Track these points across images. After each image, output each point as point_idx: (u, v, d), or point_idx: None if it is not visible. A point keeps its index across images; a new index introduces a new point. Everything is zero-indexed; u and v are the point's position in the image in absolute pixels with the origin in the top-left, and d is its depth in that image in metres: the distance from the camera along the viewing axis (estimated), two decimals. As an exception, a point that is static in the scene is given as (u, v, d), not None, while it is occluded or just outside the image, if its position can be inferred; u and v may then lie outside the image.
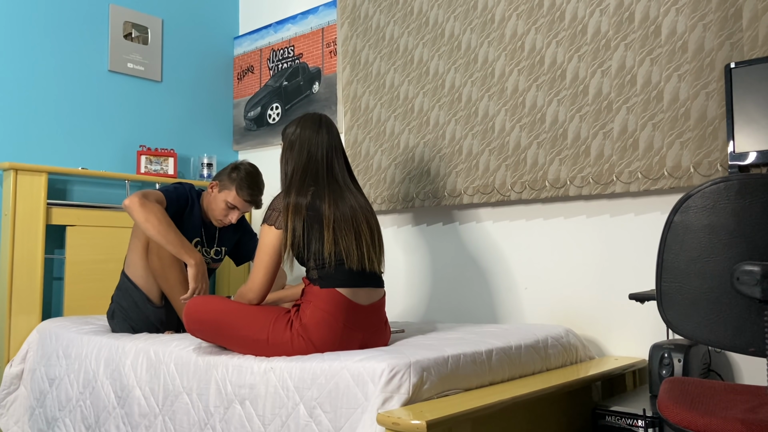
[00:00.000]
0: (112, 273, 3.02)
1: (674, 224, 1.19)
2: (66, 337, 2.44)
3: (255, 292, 1.94)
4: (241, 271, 3.57)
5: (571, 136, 2.37)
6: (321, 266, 1.88)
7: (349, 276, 1.89)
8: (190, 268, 2.26)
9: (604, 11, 2.32)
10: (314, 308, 1.84)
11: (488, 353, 1.82)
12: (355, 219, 1.99)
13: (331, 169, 2.13)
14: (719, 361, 2.12)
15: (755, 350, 1.13)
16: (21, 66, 2.98)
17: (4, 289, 2.73)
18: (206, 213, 2.57)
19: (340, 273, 1.88)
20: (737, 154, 1.91)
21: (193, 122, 3.61)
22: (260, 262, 1.94)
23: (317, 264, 1.89)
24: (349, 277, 1.89)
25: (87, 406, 2.23)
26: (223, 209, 2.48)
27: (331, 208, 1.95)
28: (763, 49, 1.98)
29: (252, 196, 2.46)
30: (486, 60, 2.62)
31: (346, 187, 2.06)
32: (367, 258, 1.97)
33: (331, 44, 3.30)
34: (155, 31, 3.46)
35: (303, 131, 2.11)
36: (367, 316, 1.91)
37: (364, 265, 1.94)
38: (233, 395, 1.79)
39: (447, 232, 2.80)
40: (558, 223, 2.48)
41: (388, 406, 1.50)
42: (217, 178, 2.51)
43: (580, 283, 2.42)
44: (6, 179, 2.79)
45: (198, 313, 1.93)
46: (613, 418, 1.81)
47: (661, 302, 1.22)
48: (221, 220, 2.51)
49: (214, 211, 2.50)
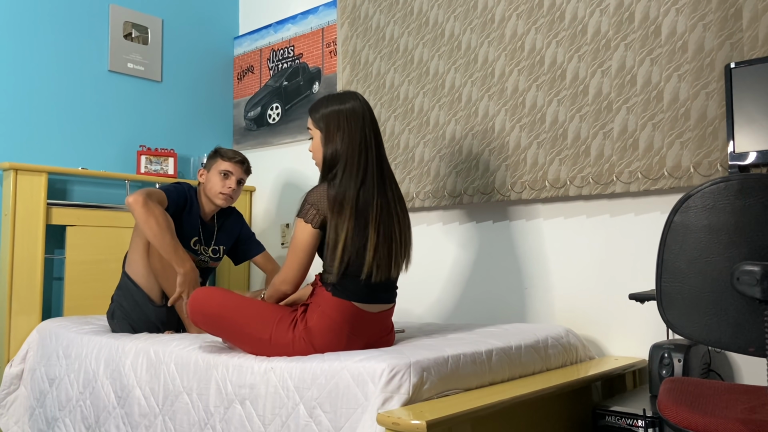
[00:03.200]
0: (112, 273, 3.02)
1: (674, 224, 1.19)
2: (66, 337, 2.44)
3: (289, 284, 1.91)
4: (241, 271, 3.57)
5: (571, 136, 2.37)
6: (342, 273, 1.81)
7: (366, 289, 1.84)
8: (179, 275, 2.29)
9: (604, 11, 2.32)
10: (322, 314, 1.81)
11: (488, 353, 1.82)
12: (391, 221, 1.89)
13: (381, 156, 1.92)
14: (719, 361, 2.12)
15: (755, 350, 1.13)
16: (21, 66, 2.98)
17: (4, 289, 2.73)
18: (205, 208, 2.61)
19: (357, 285, 1.83)
20: (737, 154, 1.91)
21: (193, 122, 3.61)
22: (294, 257, 1.88)
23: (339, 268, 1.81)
24: (366, 291, 1.84)
25: (87, 406, 2.23)
26: (219, 181, 2.56)
27: (378, 208, 1.84)
28: (763, 49, 1.98)
29: (238, 155, 2.60)
30: (486, 60, 2.62)
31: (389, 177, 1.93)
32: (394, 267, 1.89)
33: (331, 44, 3.30)
34: (155, 31, 3.46)
35: (346, 105, 1.87)
36: (373, 323, 1.89)
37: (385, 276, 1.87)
38: (233, 395, 1.79)
39: (447, 232, 2.80)
40: (558, 223, 2.48)
41: (388, 406, 1.50)
42: (202, 166, 2.67)
43: (580, 283, 2.41)
44: (6, 179, 2.79)
45: (203, 306, 1.91)
46: (613, 418, 1.81)
47: (661, 302, 1.22)
48: (222, 192, 2.56)
49: (213, 188, 2.56)
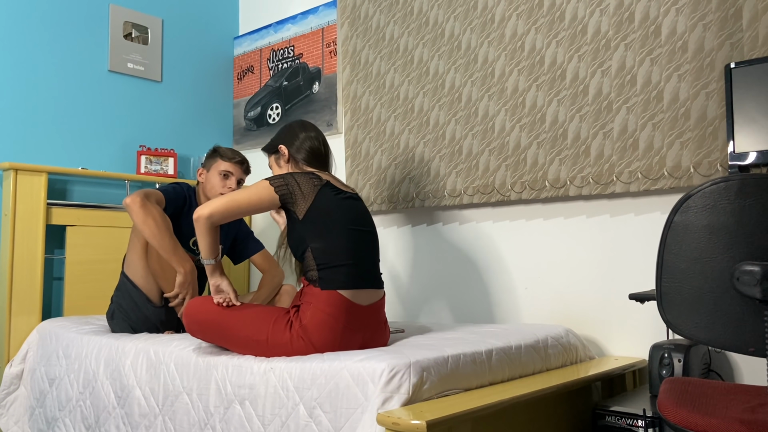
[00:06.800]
0: (112, 273, 3.02)
1: (674, 224, 1.19)
2: (66, 337, 2.44)
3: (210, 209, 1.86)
4: (241, 271, 3.57)
5: (571, 136, 2.37)
6: (323, 266, 1.87)
7: (351, 277, 1.87)
8: (179, 275, 2.29)
9: (604, 11, 2.32)
10: (315, 310, 1.83)
11: (488, 353, 1.82)
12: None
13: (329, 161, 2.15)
14: (719, 361, 2.12)
15: (755, 350, 1.13)
16: (21, 66, 2.98)
17: (4, 289, 2.73)
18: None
19: (342, 274, 1.86)
20: (737, 154, 1.91)
21: (193, 122, 3.61)
22: (235, 197, 1.88)
23: (318, 263, 1.87)
24: (351, 278, 1.87)
25: (87, 406, 2.23)
26: (219, 181, 2.54)
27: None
28: (763, 49, 1.98)
29: (237, 155, 2.57)
30: (486, 60, 2.62)
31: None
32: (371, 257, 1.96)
33: (331, 44, 3.30)
34: (155, 31, 3.46)
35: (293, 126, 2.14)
36: (367, 316, 1.90)
37: (368, 265, 1.93)
38: (233, 395, 1.79)
39: (447, 232, 2.80)
40: (558, 223, 2.48)
41: (388, 406, 1.50)
42: (201, 165, 2.63)
43: (580, 283, 2.41)
44: (6, 179, 2.79)
45: (198, 314, 1.93)
46: (613, 418, 1.81)
47: (661, 302, 1.22)
48: (222, 193, 2.55)
49: (213, 188, 2.55)
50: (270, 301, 2.63)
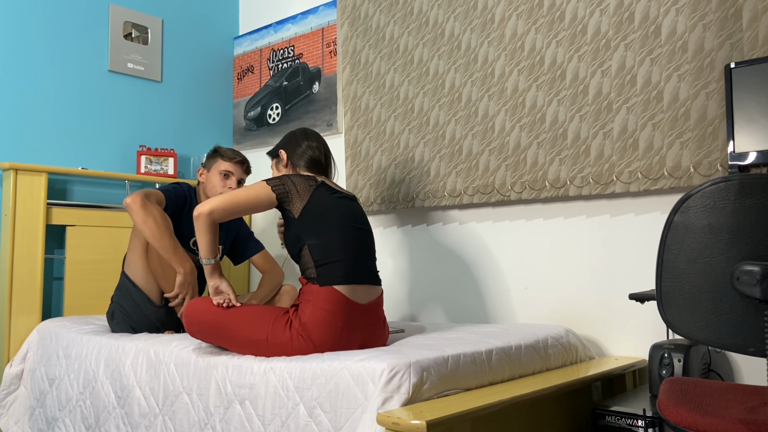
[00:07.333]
0: (112, 273, 3.02)
1: (674, 224, 1.19)
2: (66, 337, 2.44)
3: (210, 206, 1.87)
4: (241, 271, 3.57)
5: (571, 136, 2.37)
6: (320, 263, 1.88)
7: (348, 273, 1.89)
8: (179, 275, 2.30)
9: (604, 11, 2.32)
10: (314, 307, 1.84)
11: (488, 353, 1.82)
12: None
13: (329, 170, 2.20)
14: (719, 361, 2.12)
15: (755, 350, 1.13)
16: (21, 66, 2.98)
17: (4, 289, 2.73)
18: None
19: (339, 270, 1.88)
20: (737, 154, 1.91)
21: (193, 122, 3.61)
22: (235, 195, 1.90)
23: (315, 260, 1.89)
24: (348, 274, 1.88)
25: (87, 406, 2.23)
26: (220, 181, 2.54)
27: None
28: (763, 49, 1.98)
29: (238, 155, 2.58)
30: (486, 60, 2.62)
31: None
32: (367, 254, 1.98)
33: (331, 44, 3.30)
34: (155, 31, 3.46)
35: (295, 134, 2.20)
36: (365, 315, 1.91)
37: (364, 261, 1.95)
38: (233, 395, 1.79)
39: (447, 232, 2.80)
40: (558, 223, 2.48)
41: (388, 406, 1.50)
42: (202, 165, 2.63)
43: (580, 283, 2.41)
44: (6, 179, 2.79)
45: (198, 315, 1.94)
46: (613, 418, 1.81)
47: (661, 302, 1.22)
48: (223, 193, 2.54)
49: (214, 188, 2.55)
50: (270, 302, 2.63)
